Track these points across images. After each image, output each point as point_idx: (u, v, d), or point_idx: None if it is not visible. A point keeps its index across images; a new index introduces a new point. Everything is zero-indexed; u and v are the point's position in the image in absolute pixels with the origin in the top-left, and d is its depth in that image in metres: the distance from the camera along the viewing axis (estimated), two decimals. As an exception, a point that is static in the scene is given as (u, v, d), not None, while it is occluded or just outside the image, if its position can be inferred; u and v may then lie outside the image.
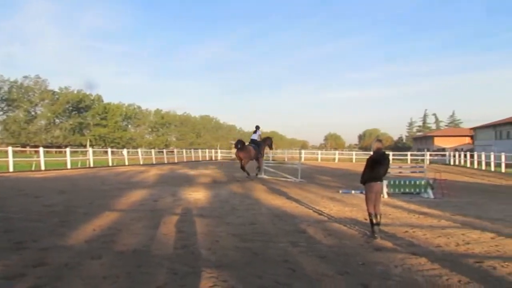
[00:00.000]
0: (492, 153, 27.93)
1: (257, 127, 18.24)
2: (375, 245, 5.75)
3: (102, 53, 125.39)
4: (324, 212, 8.65)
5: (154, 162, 31.63)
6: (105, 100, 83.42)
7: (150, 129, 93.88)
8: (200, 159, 40.39)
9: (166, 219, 7.44)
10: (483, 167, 28.36)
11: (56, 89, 74.76)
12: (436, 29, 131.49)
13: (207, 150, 46.55)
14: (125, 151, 30.67)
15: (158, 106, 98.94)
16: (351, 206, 9.47)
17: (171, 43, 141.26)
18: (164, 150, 38.78)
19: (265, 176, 17.62)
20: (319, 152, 48.17)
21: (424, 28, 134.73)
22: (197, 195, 11.14)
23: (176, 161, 35.31)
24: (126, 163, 28.24)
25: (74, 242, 5.60)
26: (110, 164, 26.86)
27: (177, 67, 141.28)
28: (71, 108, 76.20)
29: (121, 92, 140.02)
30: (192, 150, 42.94)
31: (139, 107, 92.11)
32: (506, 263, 4.79)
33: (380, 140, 6.74)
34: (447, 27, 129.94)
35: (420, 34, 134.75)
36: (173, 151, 40.66)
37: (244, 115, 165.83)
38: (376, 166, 6.34)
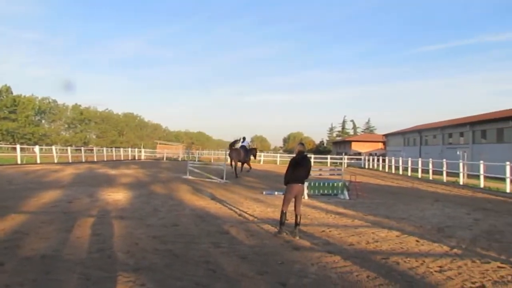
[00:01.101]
0: (400, 158, 30.70)
1: (244, 138, 20.52)
2: (294, 244, 5.98)
3: (9, 39, 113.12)
4: (247, 213, 8.78)
5: (70, 161, 29.52)
6: (15, 92, 76.09)
7: (67, 125, 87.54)
8: (122, 159, 38.69)
9: (81, 222, 6.98)
10: (393, 171, 31.05)
11: (-45, 77, 66.56)
12: (357, 39, 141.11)
13: (129, 149, 44.81)
14: (37, 148, 28.27)
15: (77, 101, 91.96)
16: (273, 207, 9.72)
17: (91, 35, 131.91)
18: (82, 148, 36.45)
19: (190, 177, 17.41)
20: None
21: (346, 38, 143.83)
22: (117, 196, 10.63)
23: (95, 160, 33.44)
24: (38, 161, 25.99)
25: (-30, 248, 5.00)
26: (19, 162, 24.47)
27: (98, 61, 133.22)
28: (-27, 98, 68.36)
29: (34, 84, 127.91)
30: (114, 149, 41.03)
31: (54, 101, 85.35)
32: (408, 259, 5.29)
33: (302, 144, 7.09)
34: (366, 39, 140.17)
35: (342, 43, 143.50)
36: (92, 150, 38.32)
37: (170, 115, 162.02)
38: (298, 168, 6.61)
